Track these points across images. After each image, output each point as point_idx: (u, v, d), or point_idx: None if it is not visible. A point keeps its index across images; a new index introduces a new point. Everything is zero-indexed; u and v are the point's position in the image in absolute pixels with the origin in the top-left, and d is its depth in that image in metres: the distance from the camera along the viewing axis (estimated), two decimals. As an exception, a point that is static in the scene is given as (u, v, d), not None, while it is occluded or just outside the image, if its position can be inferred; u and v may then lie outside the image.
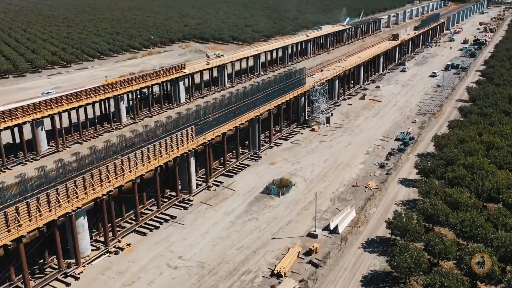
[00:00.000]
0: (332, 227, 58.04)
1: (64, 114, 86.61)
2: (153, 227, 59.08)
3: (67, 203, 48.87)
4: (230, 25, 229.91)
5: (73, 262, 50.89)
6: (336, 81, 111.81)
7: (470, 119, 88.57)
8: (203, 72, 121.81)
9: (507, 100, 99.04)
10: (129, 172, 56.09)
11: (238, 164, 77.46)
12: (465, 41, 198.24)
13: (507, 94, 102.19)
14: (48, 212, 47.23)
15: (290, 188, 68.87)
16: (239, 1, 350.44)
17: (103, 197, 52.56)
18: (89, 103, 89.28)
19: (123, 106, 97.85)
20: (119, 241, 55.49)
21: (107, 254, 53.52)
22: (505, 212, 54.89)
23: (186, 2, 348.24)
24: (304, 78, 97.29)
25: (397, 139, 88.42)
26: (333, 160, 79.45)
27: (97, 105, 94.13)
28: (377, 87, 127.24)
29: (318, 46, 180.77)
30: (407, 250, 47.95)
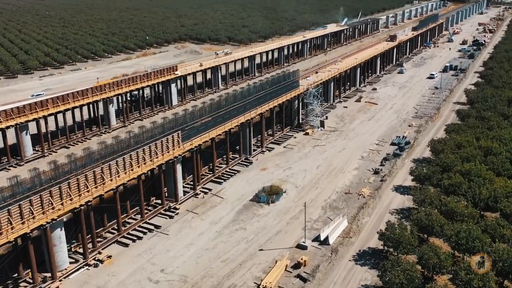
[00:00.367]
0: (323, 238, 55.58)
1: (51, 118, 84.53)
2: (136, 238, 56.62)
3: (42, 215, 46.47)
4: (227, 26, 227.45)
5: (49, 277, 48.46)
6: (332, 83, 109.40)
7: (468, 123, 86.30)
8: (196, 74, 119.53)
9: (506, 103, 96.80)
10: (110, 181, 53.63)
11: (228, 170, 75.03)
12: (464, 42, 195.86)
13: (506, 97, 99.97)
14: (21, 225, 44.80)
15: (281, 196, 66.43)
16: (238, 1, 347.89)
17: (81, 208, 50.11)
18: (76, 107, 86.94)
19: (113, 109, 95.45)
20: (100, 253, 53.03)
21: (86, 267, 51.06)
22: (503, 223, 52.63)
23: (184, 2, 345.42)
24: (298, 81, 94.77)
25: (393, 144, 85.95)
26: (326, 166, 77.03)
27: (86, 108, 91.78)
28: (374, 89, 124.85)
29: (315, 47, 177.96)
30: (399, 265, 45.71)
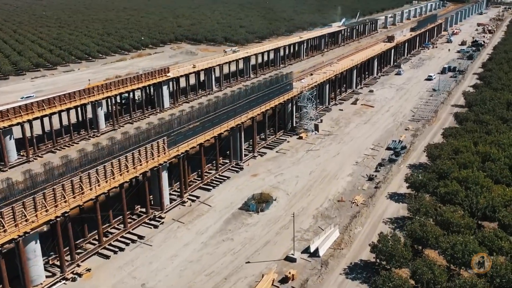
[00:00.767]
0: (313, 250, 53.12)
1: (37, 122, 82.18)
2: (118, 249, 54.16)
3: (14, 227, 44.08)
4: (224, 26, 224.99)
5: (23, 292, 46.17)
6: (327, 86, 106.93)
7: (466, 127, 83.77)
8: (190, 76, 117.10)
9: (505, 106, 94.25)
10: (89, 190, 51.23)
11: (218, 176, 72.57)
12: (463, 43, 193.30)
13: (505, 100, 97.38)
14: (-10, 239, 42.52)
15: (271, 204, 63.96)
16: (236, 1, 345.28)
17: (57, 219, 47.70)
18: (63, 110, 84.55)
19: (101, 113, 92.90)
20: (78, 266, 50.62)
21: (63, 282, 48.67)
22: (501, 234, 50.08)
23: (182, 3, 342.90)
24: (291, 83, 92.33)
25: (389, 148, 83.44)
26: (319, 172, 74.59)
27: (74, 112, 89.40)
28: (371, 91, 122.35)
29: (312, 48, 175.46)
30: (391, 280, 43.33)
